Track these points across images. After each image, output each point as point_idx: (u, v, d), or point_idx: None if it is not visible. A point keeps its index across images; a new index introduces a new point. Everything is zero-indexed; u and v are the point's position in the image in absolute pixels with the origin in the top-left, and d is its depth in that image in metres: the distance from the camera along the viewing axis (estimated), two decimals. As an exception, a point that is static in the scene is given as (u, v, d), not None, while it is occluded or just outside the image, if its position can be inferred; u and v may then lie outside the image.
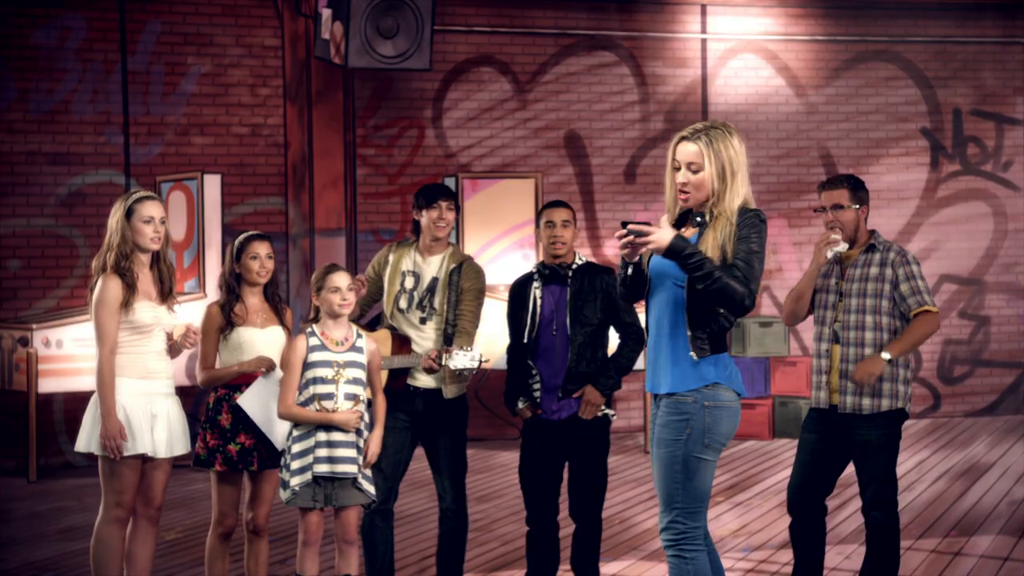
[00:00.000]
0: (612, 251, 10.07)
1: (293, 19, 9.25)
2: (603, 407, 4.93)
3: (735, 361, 9.52)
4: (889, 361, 4.63)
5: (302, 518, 4.54)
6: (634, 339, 4.96)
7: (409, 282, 4.94)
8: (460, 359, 4.67)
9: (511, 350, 5.04)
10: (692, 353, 3.70)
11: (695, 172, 3.78)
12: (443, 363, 4.70)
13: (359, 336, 4.61)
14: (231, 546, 4.89)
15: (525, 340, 4.91)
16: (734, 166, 3.76)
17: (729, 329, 3.78)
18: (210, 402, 4.80)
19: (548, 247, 4.97)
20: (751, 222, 3.72)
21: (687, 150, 3.78)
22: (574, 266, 4.97)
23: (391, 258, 5.01)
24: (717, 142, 3.77)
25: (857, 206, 4.78)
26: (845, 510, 6.69)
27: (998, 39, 10.61)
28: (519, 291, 5.03)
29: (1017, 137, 10.68)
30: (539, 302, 4.93)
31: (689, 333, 3.72)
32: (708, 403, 3.70)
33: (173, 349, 4.72)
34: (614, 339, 5.05)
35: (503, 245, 9.02)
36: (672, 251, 3.66)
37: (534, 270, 5.04)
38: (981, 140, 10.66)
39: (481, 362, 4.69)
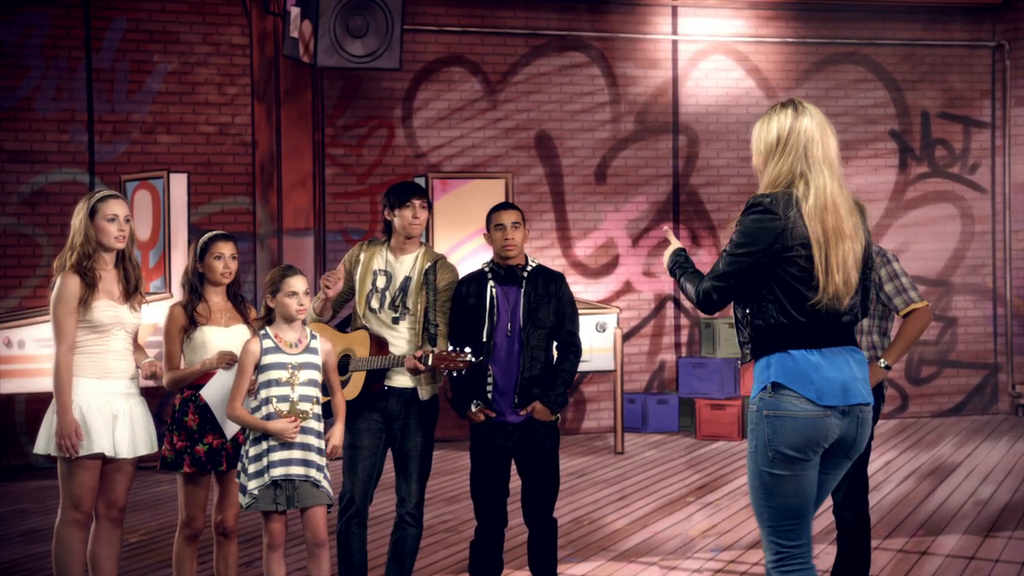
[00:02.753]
0: (583, 252, 10.06)
1: (261, 17, 9.18)
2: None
3: (706, 363, 9.65)
4: (887, 368, 4.65)
5: (265, 523, 4.49)
6: (574, 351, 4.91)
7: (381, 281, 4.88)
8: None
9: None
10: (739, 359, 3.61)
11: None
12: (428, 364, 4.65)
13: (313, 337, 4.57)
14: (199, 548, 4.84)
15: (484, 340, 4.83)
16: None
17: (777, 325, 3.46)
18: (176, 404, 4.76)
19: (500, 250, 4.87)
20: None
21: None
22: (528, 268, 4.92)
23: (362, 257, 4.95)
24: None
25: None
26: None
27: (966, 42, 10.68)
28: (473, 289, 4.89)
29: (984, 140, 10.75)
30: (496, 302, 4.87)
31: (738, 337, 3.61)
32: (768, 412, 3.45)
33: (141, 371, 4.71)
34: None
35: (473, 245, 8.98)
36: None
37: (486, 269, 4.94)
38: (949, 143, 10.72)
39: (470, 360, 4.64)
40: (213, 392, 4.65)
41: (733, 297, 3.54)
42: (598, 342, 8.88)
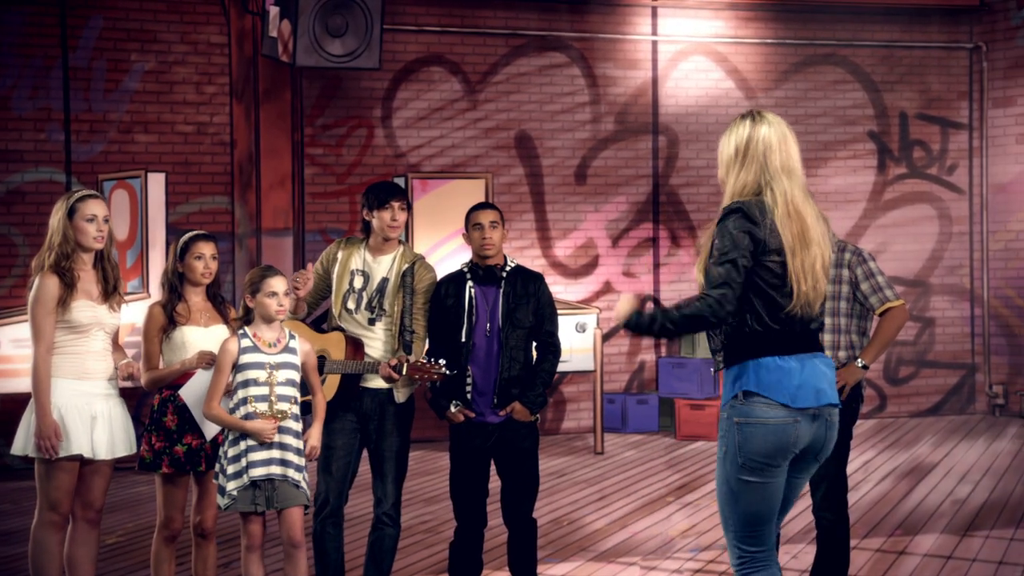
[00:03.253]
0: (563, 252, 10.06)
1: (240, 16, 9.14)
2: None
3: (686, 363, 9.66)
4: (865, 367, 4.66)
5: (244, 524, 4.46)
6: (553, 351, 4.90)
7: (358, 282, 4.86)
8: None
9: (438, 350, 4.86)
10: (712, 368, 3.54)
11: None
12: (403, 373, 4.63)
13: (292, 337, 4.55)
14: (177, 549, 4.82)
15: (463, 340, 4.81)
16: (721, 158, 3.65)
17: (752, 333, 3.46)
18: (154, 404, 4.73)
19: (478, 250, 4.85)
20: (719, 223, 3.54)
21: None
22: (507, 268, 4.91)
23: (340, 255, 4.93)
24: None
25: None
26: (792, 510, 6.70)
27: (943, 44, 10.74)
28: (452, 289, 4.87)
29: (961, 141, 10.81)
30: (475, 302, 4.86)
31: (710, 345, 3.59)
32: (738, 419, 3.48)
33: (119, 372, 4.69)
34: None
35: (452, 246, 8.97)
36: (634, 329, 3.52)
37: (465, 269, 4.92)
38: (927, 144, 10.77)
39: (444, 373, 4.63)
40: (192, 392, 4.62)
41: (739, 299, 3.46)
42: (578, 342, 8.88)
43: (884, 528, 6.47)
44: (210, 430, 4.65)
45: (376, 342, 4.82)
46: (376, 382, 4.79)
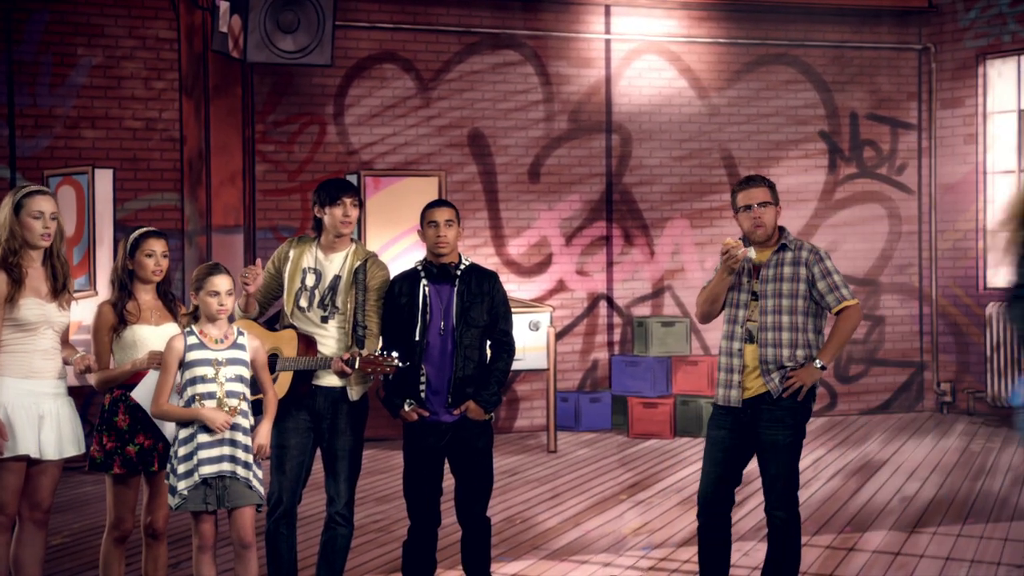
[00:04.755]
0: (516, 250, 10.05)
1: (189, 11, 9.02)
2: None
3: (639, 361, 9.69)
4: (823, 368, 4.68)
5: (195, 523, 4.41)
6: (508, 349, 4.88)
7: (310, 280, 4.83)
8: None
9: (392, 349, 4.81)
10: None
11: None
12: (355, 367, 4.60)
13: (240, 334, 4.51)
14: (126, 549, 4.75)
15: (417, 339, 4.79)
16: None
17: None
18: (105, 404, 4.67)
19: (432, 247, 4.84)
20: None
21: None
22: (462, 267, 4.89)
23: (292, 254, 4.90)
24: None
25: (776, 204, 4.85)
26: (743, 508, 6.74)
27: (893, 45, 10.85)
28: (406, 287, 4.85)
29: (911, 141, 10.93)
30: (429, 300, 4.83)
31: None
32: None
33: (72, 366, 4.61)
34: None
35: (405, 244, 8.93)
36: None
37: (419, 267, 4.91)
38: (877, 144, 10.88)
39: (397, 365, 4.60)
40: (144, 393, 4.57)
41: None
42: (531, 340, 8.88)
43: (834, 525, 6.52)
44: (168, 430, 4.58)
45: (329, 339, 4.78)
46: (329, 380, 4.76)
